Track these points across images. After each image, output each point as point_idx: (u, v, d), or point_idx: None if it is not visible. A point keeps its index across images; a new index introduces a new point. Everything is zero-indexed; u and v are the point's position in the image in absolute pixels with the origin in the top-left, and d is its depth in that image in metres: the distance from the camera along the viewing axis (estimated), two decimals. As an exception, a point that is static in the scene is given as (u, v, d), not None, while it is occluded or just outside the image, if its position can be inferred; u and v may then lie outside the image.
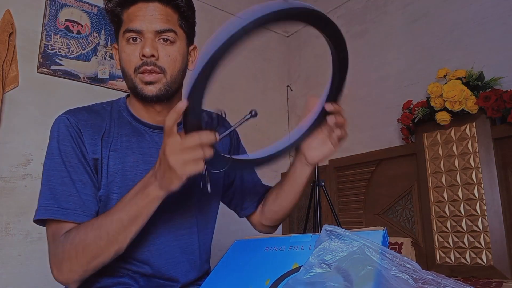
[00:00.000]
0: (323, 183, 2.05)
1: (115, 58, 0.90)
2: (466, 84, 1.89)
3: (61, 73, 2.07)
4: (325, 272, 0.57)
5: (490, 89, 1.85)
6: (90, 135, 0.83)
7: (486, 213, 1.79)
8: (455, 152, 1.92)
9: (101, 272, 0.81)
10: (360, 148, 2.51)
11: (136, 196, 0.72)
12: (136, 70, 0.82)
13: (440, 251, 1.93)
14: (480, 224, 1.80)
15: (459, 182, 1.89)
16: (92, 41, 2.20)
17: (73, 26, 2.14)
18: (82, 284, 0.80)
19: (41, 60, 2.01)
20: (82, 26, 2.18)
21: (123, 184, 0.83)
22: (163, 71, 0.83)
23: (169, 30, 0.83)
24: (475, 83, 1.89)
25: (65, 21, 2.12)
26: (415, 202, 2.13)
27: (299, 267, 0.62)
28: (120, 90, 2.23)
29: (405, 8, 2.42)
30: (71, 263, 0.72)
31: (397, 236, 2.07)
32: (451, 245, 1.89)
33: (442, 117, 1.92)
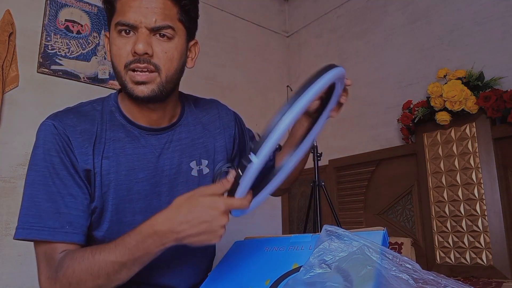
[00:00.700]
0: (323, 183, 2.05)
1: (107, 48, 0.80)
2: (466, 84, 1.89)
3: (61, 73, 2.07)
4: (325, 272, 0.57)
5: (490, 89, 1.85)
6: (80, 143, 0.75)
7: (486, 213, 1.79)
8: (455, 152, 1.92)
9: None
10: (360, 148, 2.51)
11: (145, 243, 0.63)
12: (127, 66, 0.73)
13: (440, 251, 1.93)
14: (480, 224, 1.80)
15: (459, 182, 1.89)
16: (92, 41, 2.20)
17: (73, 26, 2.14)
18: None
19: (41, 60, 2.01)
20: (82, 26, 2.18)
21: (118, 195, 0.77)
22: (158, 70, 0.74)
23: (166, 27, 0.74)
24: (475, 83, 1.89)
25: (65, 21, 2.12)
26: (415, 202, 2.13)
27: (299, 267, 0.62)
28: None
29: (405, 8, 2.42)
30: None
31: (397, 236, 2.07)
32: (451, 245, 1.89)
33: (442, 117, 1.92)
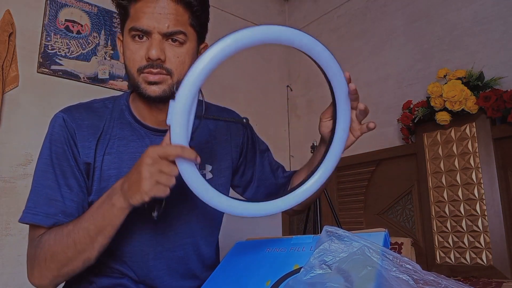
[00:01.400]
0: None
1: (119, 51, 0.84)
2: (466, 84, 1.89)
3: (61, 73, 2.07)
4: (326, 273, 0.57)
5: (490, 89, 1.85)
6: (85, 137, 0.79)
7: (486, 213, 1.79)
8: (455, 152, 1.92)
9: (98, 272, 0.80)
10: (360, 148, 2.50)
11: (102, 206, 0.69)
12: (140, 70, 0.77)
13: (440, 251, 1.93)
14: (480, 224, 1.80)
15: (459, 182, 1.89)
16: (92, 41, 2.20)
17: (73, 26, 2.14)
18: (78, 283, 0.79)
19: (41, 60, 2.01)
20: (82, 26, 2.17)
21: None
22: (170, 73, 0.77)
23: (179, 32, 0.77)
24: (475, 83, 1.89)
25: (65, 21, 2.12)
26: (415, 202, 2.13)
27: (300, 268, 0.62)
28: (120, 90, 2.22)
29: (405, 8, 2.42)
30: (41, 268, 0.70)
31: (397, 236, 2.07)
32: (451, 245, 1.89)
33: (442, 117, 1.92)
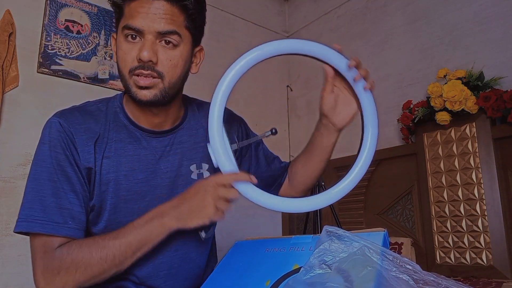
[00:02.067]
0: (323, 183, 2.04)
1: (113, 50, 0.83)
2: (466, 84, 1.89)
3: (61, 73, 2.06)
4: (326, 273, 0.57)
5: (490, 89, 1.85)
6: (84, 141, 0.78)
7: (486, 213, 1.79)
8: (455, 152, 1.92)
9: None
10: (360, 148, 2.50)
11: (151, 223, 0.72)
12: (131, 72, 0.76)
13: (440, 251, 1.93)
14: (480, 224, 1.80)
15: (459, 182, 1.89)
16: (92, 41, 2.20)
17: (73, 26, 2.14)
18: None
19: (41, 60, 2.01)
20: (82, 26, 2.17)
21: (116, 195, 0.79)
22: (161, 76, 0.76)
23: (173, 32, 0.75)
24: (475, 83, 1.89)
25: (65, 21, 2.12)
26: (415, 202, 2.13)
27: (300, 268, 0.62)
28: (120, 90, 2.21)
29: (405, 8, 2.42)
30: (67, 278, 0.70)
31: (397, 236, 2.07)
32: (451, 245, 1.89)
33: (442, 117, 1.92)
